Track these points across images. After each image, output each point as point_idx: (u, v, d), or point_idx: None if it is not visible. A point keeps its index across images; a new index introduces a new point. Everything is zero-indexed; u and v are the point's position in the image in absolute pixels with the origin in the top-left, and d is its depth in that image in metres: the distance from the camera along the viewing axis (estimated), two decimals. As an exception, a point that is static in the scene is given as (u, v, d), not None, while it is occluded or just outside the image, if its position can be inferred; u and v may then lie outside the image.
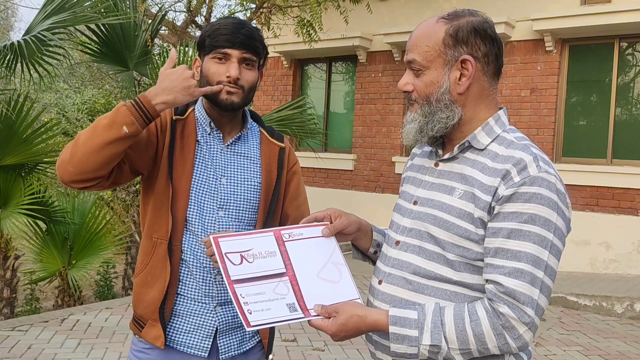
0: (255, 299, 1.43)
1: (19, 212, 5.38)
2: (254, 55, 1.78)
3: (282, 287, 1.48)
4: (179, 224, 1.76)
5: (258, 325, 1.40)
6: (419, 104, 1.52)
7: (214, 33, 1.76)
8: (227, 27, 1.76)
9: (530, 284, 1.35)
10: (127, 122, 1.60)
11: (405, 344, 1.40)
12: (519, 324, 1.35)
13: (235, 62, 1.75)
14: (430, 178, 1.57)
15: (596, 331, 5.73)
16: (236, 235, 1.56)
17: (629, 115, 7.99)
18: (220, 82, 1.76)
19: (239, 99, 1.78)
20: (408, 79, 1.53)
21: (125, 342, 4.73)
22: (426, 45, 1.48)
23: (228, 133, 1.87)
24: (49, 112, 11.82)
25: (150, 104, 1.63)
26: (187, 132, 1.81)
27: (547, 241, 1.37)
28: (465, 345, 1.37)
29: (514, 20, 8.23)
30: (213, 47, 1.76)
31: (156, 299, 1.76)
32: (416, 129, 1.52)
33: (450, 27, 1.48)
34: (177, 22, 10.11)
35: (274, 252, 1.54)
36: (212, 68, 1.77)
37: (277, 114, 6.67)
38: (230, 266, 1.47)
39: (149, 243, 1.78)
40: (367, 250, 1.74)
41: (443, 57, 1.47)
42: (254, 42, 1.77)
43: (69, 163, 1.64)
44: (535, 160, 1.40)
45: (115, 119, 1.61)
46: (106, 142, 1.60)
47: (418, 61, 1.49)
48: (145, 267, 1.79)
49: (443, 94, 1.48)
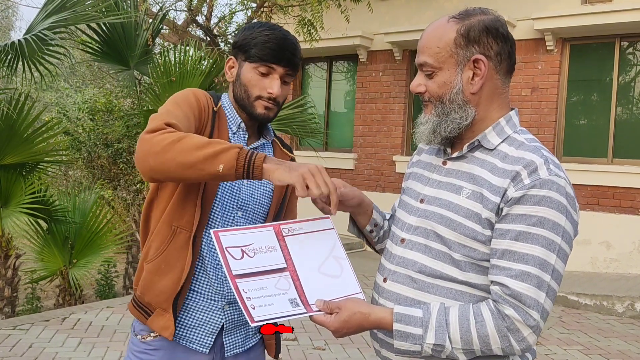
0: (257, 294, 1.42)
1: (20, 211, 5.39)
2: (294, 72, 1.78)
3: (284, 282, 1.48)
4: (203, 218, 1.74)
5: (262, 321, 1.39)
6: (433, 104, 1.51)
7: (263, 45, 1.73)
8: (276, 42, 1.73)
9: (536, 287, 1.35)
10: (227, 166, 1.48)
11: (409, 342, 1.40)
12: (523, 326, 1.35)
13: (278, 80, 1.75)
14: (438, 176, 1.56)
15: (597, 330, 5.73)
16: (236, 230, 1.55)
17: (629, 115, 7.99)
18: (260, 97, 1.75)
19: (273, 114, 1.80)
20: (420, 80, 1.52)
21: (126, 341, 4.73)
22: (437, 46, 1.47)
23: (249, 137, 1.87)
24: (49, 112, 11.83)
25: (260, 168, 1.49)
26: (222, 126, 1.80)
27: (555, 245, 1.36)
28: (469, 346, 1.37)
29: (515, 19, 8.23)
30: (259, 59, 1.73)
31: (170, 288, 1.73)
32: (429, 130, 1.51)
33: (461, 27, 1.47)
34: (177, 21, 10.10)
35: (274, 247, 1.53)
36: (253, 79, 1.75)
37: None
38: (232, 260, 1.46)
39: (168, 230, 1.75)
40: (363, 227, 1.73)
41: (455, 58, 1.46)
42: (296, 59, 1.77)
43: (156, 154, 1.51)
44: (546, 163, 1.40)
45: (220, 155, 1.48)
46: (194, 168, 1.49)
47: (429, 63, 1.48)
48: (160, 254, 1.76)
49: (456, 94, 1.47)
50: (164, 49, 7.04)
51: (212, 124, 1.77)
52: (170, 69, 5.96)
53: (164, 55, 6.17)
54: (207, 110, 1.77)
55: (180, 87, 5.92)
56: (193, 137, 1.52)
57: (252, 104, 1.76)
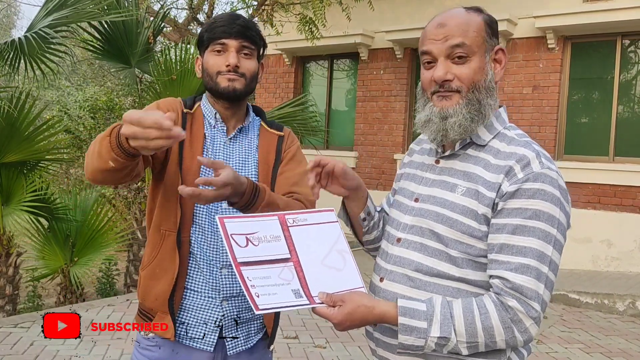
0: (262, 282, 1.41)
1: (21, 210, 5.39)
2: (251, 44, 1.82)
3: (287, 272, 1.47)
4: (187, 217, 1.77)
5: (266, 310, 1.38)
6: (462, 93, 1.45)
7: (211, 27, 1.81)
8: (222, 20, 1.80)
9: (536, 279, 1.36)
10: (111, 158, 1.51)
11: (413, 335, 1.38)
12: (526, 317, 1.36)
13: (233, 52, 1.78)
14: (432, 175, 1.57)
15: (598, 329, 5.73)
16: (241, 217, 1.55)
17: (631, 113, 7.98)
18: (220, 72, 1.79)
19: (241, 85, 1.80)
20: (446, 67, 1.46)
21: (127, 339, 4.74)
22: (473, 31, 1.45)
23: (232, 127, 1.88)
24: (50, 110, 11.82)
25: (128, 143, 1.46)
26: (196, 126, 1.83)
27: (551, 237, 1.38)
28: (474, 339, 1.37)
29: (516, 18, 8.22)
30: (211, 40, 1.80)
31: (165, 291, 1.76)
32: (467, 119, 1.45)
33: (485, 17, 1.49)
34: (179, 19, 10.10)
35: (279, 237, 1.52)
36: (211, 60, 1.81)
37: (278, 112, 6.67)
38: (237, 248, 1.46)
39: (158, 235, 1.79)
40: (356, 215, 1.69)
41: (486, 45, 1.47)
42: (250, 32, 1.81)
43: (86, 169, 1.65)
44: (538, 157, 1.41)
45: (100, 151, 1.54)
46: (101, 169, 1.57)
47: (467, 45, 1.44)
48: (153, 259, 1.79)
49: (490, 81, 1.48)
50: (165, 47, 7.04)
51: (182, 126, 1.80)
52: (171, 67, 5.96)
53: (165, 53, 6.16)
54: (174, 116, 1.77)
55: (181, 86, 5.92)
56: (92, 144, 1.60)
57: (216, 81, 1.80)
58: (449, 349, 1.39)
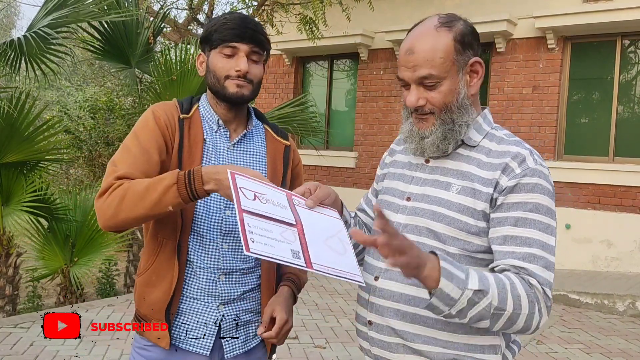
0: (261, 232, 1.38)
1: (21, 210, 5.39)
2: (261, 49, 1.79)
3: (290, 234, 1.44)
4: (186, 225, 1.74)
5: (256, 254, 1.33)
6: (435, 114, 1.51)
7: (222, 27, 1.75)
8: (234, 22, 1.75)
9: (544, 268, 1.41)
10: (174, 204, 1.58)
11: (454, 283, 1.29)
12: (544, 298, 1.39)
13: (244, 57, 1.75)
14: (422, 174, 1.59)
15: (598, 329, 5.73)
16: (252, 179, 1.53)
17: (631, 113, 7.98)
18: (228, 77, 1.75)
19: (248, 91, 1.78)
20: (418, 93, 1.50)
21: (127, 339, 4.74)
22: (439, 57, 1.47)
23: (234, 131, 1.85)
24: (50, 110, 11.83)
25: (202, 188, 1.57)
26: (194, 131, 1.79)
27: (551, 228, 1.45)
28: (503, 305, 1.34)
29: (516, 18, 8.22)
30: (221, 42, 1.75)
31: (161, 299, 1.74)
32: (439, 138, 1.51)
33: (455, 34, 1.49)
34: (179, 19, 10.10)
35: (286, 207, 1.51)
36: (219, 63, 1.76)
37: (278, 112, 6.67)
38: (244, 199, 1.43)
39: (155, 243, 1.77)
40: None
41: (456, 65, 1.49)
42: (260, 36, 1.78)
43: (111, 218, 1.64)
44: (532, 154, 1.49)
45: (162, 199, 1.57)
46: (149, 216, 1.62)
47: (435, 75, 1.48)
48: (150, 266, 1.77)
49: (462, 99, 1.51)
50: (165, 48, 7.04)
51: (180, 133, 1.77)
52: (172, 67, 5.96)
53: (165, 53, 6.16)
54: (172, 123, 1.77)
55: (181, 86, 5.92)
56: (135, 186, 1.61)
57: (223, 85, 1.77)
58: (477, 311, 1.33)
